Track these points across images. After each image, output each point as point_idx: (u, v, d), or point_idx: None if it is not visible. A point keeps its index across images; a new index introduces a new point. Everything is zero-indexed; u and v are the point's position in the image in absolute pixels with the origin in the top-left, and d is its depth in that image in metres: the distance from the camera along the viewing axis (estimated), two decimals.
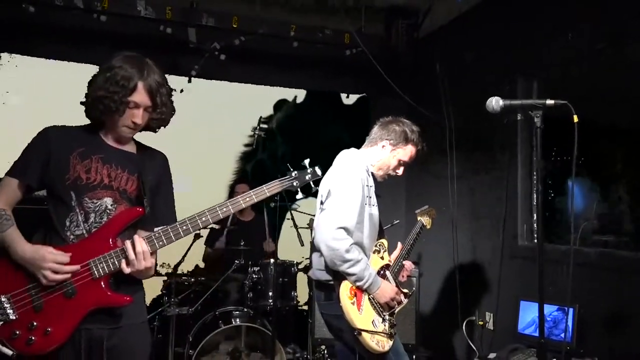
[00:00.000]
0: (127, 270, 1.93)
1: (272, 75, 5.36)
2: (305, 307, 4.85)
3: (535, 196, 3.82)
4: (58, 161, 1.98)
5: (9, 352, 1.83)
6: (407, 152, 2.82)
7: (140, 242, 1.93)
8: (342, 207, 2.53)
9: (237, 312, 4.19)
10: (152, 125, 2.12)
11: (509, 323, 3.66)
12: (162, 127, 2.15)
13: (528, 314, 3.43)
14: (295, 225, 4.66)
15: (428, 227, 3.14)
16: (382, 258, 2.80)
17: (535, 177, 3.64)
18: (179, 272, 4.53)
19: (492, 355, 3.48)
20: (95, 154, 2.02)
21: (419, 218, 3.13)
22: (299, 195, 2.12)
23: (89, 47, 4.53)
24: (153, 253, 1.97)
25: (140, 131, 2.13)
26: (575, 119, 2.09)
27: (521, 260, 3.85)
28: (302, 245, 4.62)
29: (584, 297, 3.07)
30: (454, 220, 4.49)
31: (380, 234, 2.85)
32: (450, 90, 4.60)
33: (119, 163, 2.05)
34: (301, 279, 4.63)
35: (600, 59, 3.35)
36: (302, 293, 4.64)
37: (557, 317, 3.25)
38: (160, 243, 1.97)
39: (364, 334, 2.49)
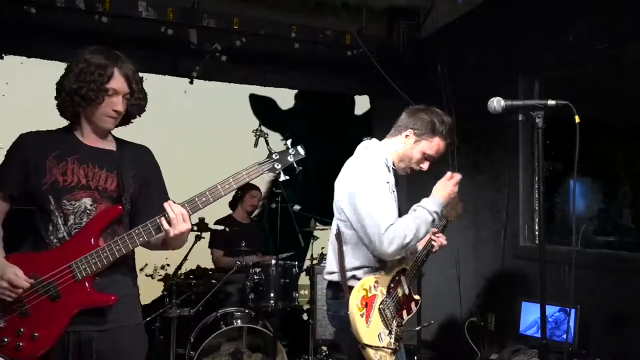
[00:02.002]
0: (167, 227, 1.91)
1: (273, 77, 5.35)
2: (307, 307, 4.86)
3: (536, 197, 3.82)
4: (36, 167, 1.96)
5: (1, 359, 1.84)
6: (432, 145, 2.56)
7: (177, 206, 1.92)
8: (379, 209, 2.32)
9: (239, 313, 4.18)
10: (131, 112, 2.08)
11: (510, 324, 3.66)
12: (138, 116, 2.12)
13: (530, 315, 3.42)
14: (296, 226, 4.66)
15: (453, 220, 2.88)
16: (399, 262, 2.56)
17: (536, 177, 3.63)
18: (181, 273, 4.53)
19: (494, 356, 3.48)
20: (70, 155, 1.99)
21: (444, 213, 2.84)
22: (282, 177, 2.02)
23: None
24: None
25: (119, 125, 2.11)
26: (577, 119, 2.08)
27: (523, 261, 3.84)
28: (303, 246, 4.62)
29: (586, 298, 3.06)
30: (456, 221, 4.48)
31: None
32: (452, 90, 4.60)
33: (96, 162, 2.01)
34: (302, 280, 4.63)
35: (602, 59, 3.35)
36: (303, 294, 4.64)
37: (559, 318, 3.25)
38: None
39: (368, 349, 2.34)
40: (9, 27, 4.27)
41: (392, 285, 2.50)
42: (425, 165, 2.64)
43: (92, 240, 1.93)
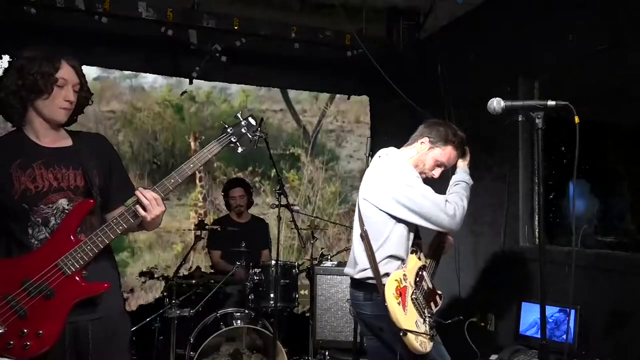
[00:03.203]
0: (144, 214, 2.01)
1: (273, 77, 5.36)
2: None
3: (536, 197, 3.82)
4: (1, 179, 1.98)
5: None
6: (445, 153, 2.80)
7: (149, 191, 2.02)
8: (429, 194, 2.62)
9: (238, 314, 4.19)
10: (82, 103, 2.12)
11: (510, 324, 3.66)
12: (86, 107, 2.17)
13: (530, 316, 3.42)
14: (296, 227, 4.66)
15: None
16: (419, 259, 2.78)
17: (536, 178, 3.63)
18: (180, 273, 4.53)
19: (493, 357, 3.47)
20: (35, 161, 2.02)
21: None
22: (240, 149, 2.18)
23: (90, 48, 4.53)
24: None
25: (70, 121, 2.12)
26: (577, 119, 2.09)
27: (523, 262, 3.84)
28: (304, 247, 4.62)
29: (586, 299, 3.06)
30: None
31: (416, 234, 2.82)
32: (452, 91, 4.60)
33: (61, 162, 2.06)
34: (302, 281, 4.62)
35: (602, 60, 3.35)
36: (303, 295, 4.64)
37: (559, 319, 3.25)
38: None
39: (409, 334, 2.47)
40: (9, 27, 4.27)
41: (417, 279, 2.70)
42: (437, 172, 2.85)
43: (72, 236, 2.01)
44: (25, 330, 1.93)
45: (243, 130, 2.19)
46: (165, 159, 9.22)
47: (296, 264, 4.54)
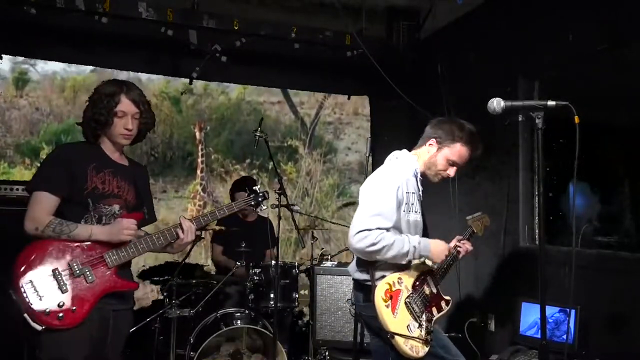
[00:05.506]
0: (182, 236, 2.48)
1: (273, 77, 5.35)
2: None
3: (536, 197, 3.82)
4: (78, 174, 2.40)
5: (38, 327, 2.19)
6: (454, 150, 2.72)
7: (188, 221, 2.51)
8: (363, 213, 2.56)
9: (238, 314, 4.18)
10: (142, 130, 2.57)
11: (510, 325, 3.66)
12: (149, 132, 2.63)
13: (530, 316, 3.43)
14: (297, 227, 4.65)
15: (480, 234, 3.07)
16: (424, 263, 2.75)
17: (536, 178, 3.63)
18: (180, 274, 4.52)
19: (493, 357, 3.48)
20: (106, 169, 2.48)
21: (469, 224, 3.06)
22: (256, 210, 2.91)
23: (90, 49, 4.53)
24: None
25: (133, 142, 2.56)
26: (577, 119, 2.09)
27: (523, 262, 3.84)
28: (304, 247, 4.61)
29: (586, 299, 3.06)
30: (455, 222, 4.48)
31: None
32: (451, 91, 4.60)
33: (122, 176, 2.53)
34: (302, 281, 4.62)
35: (602, 60, 3.35)
36: (303, 295, 4.63)
37: (559, 319, 3.25)
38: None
39: (397, 337, 2.49)
40: (9, 27, 4.27)
41: (417, 283, 2.69)
42: (451, 172, 2.79)
43: None
44: (63, 303, 2.24)
45: (260, 199, 2.87)
46: (163, 151, 9.20)
47: (296, 264, 4.54)
